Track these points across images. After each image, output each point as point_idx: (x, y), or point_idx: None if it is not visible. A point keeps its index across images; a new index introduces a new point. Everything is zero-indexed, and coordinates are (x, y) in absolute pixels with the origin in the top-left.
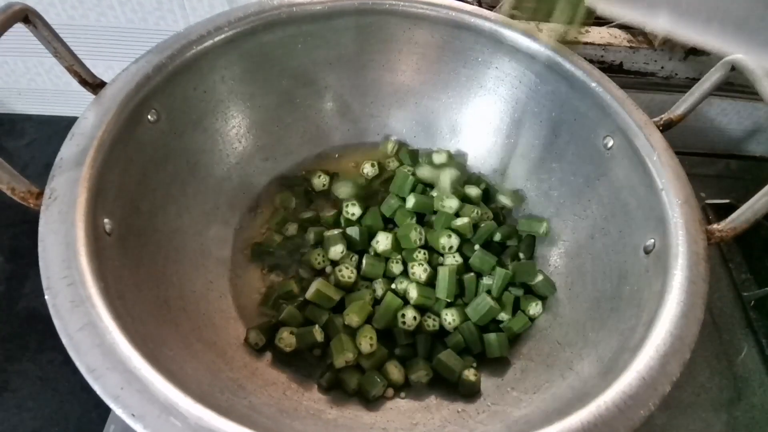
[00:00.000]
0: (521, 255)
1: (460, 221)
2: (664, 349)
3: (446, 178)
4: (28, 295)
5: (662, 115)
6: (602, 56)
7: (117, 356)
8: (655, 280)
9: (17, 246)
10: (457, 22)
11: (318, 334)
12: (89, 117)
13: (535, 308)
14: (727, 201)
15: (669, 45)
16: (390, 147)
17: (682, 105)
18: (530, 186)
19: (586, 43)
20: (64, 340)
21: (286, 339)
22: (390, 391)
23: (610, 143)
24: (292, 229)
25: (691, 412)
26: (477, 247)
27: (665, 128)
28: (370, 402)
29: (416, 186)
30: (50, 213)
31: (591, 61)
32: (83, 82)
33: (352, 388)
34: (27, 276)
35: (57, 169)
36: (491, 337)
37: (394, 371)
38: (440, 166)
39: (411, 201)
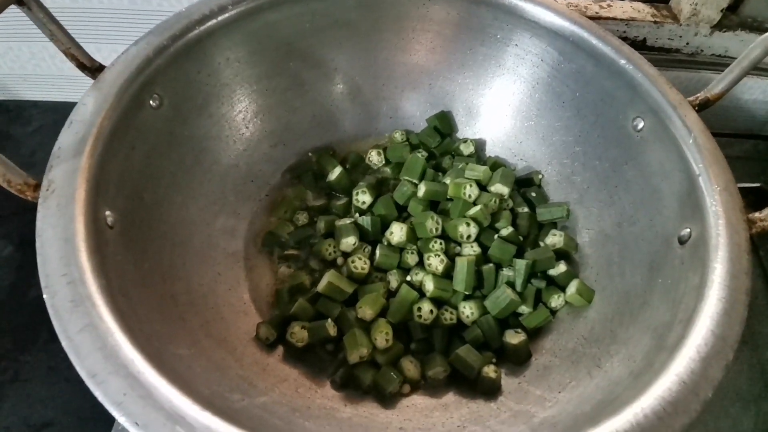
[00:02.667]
0: (541, 243)
1: (476, 209)
2: (706, 351)
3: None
4: (39, 285)
5: (698, 94)
6: (625, 32)
7: (119, 360)
8: (692, 274)
9: (26, 234)
10: None
11: (331, 329)
12: (88, 103)
13: (557, 301)
14: (757, 185)
15: (695, 20)
16: (398, 137)
17: (720, 83)
18: (551, 171)
19: (607, 18)
20: (64, 343)
21: (298, 333)
22: (406, 388)
23: (641, 125)
24: (302, 218)
25: (719, 406)
26: (497, 236)
27: (701, 108)
28: (386, 399)
29: (426, 172)
30: (48, 206)
31: None
32: (81, 66)
33: (367, 384)
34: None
35: (55, 159)
36: (514, 343)
37: (410, 367)
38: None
39: (422, 189)
